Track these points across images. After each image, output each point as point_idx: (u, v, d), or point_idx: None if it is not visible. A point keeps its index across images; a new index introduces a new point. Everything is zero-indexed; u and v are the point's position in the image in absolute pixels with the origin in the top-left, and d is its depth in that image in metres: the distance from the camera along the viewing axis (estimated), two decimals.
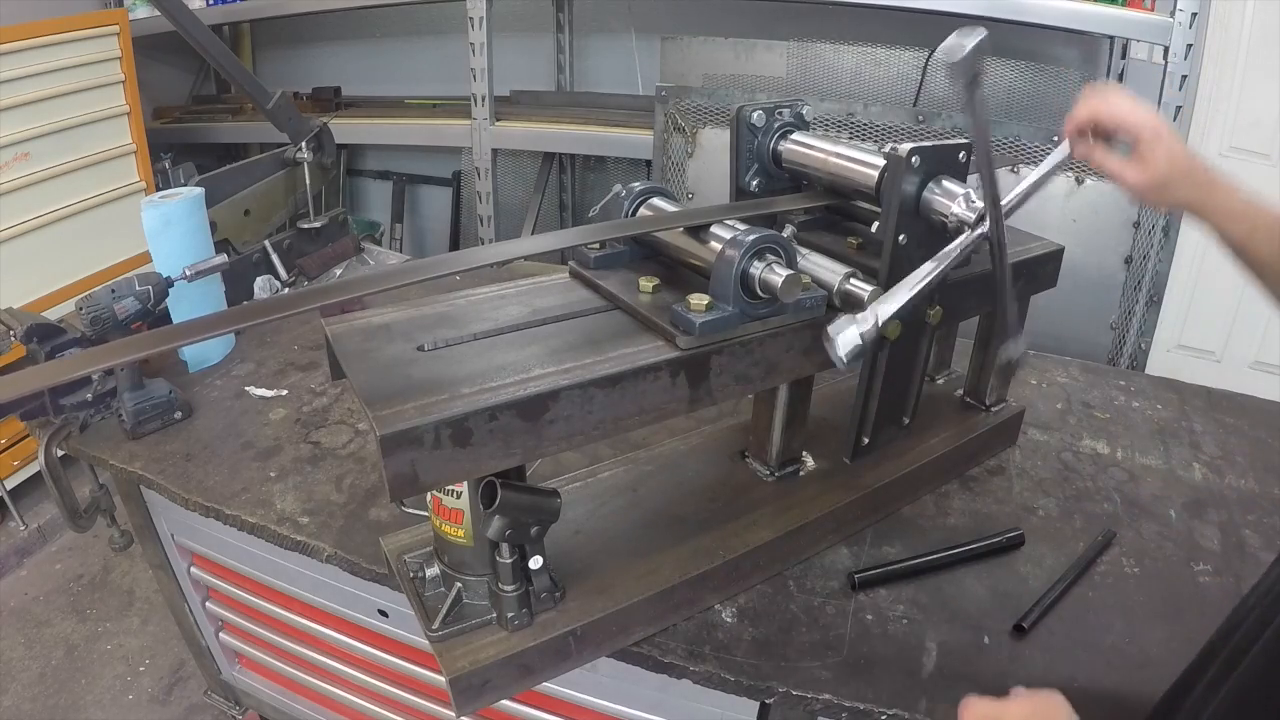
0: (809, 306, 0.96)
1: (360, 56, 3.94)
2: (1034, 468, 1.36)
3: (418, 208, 4.18)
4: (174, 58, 3.82)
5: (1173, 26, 2.16)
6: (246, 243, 1.84)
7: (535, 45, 3.56)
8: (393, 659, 1.39)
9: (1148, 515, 1.25)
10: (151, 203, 1.48)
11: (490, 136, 3.10)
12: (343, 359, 0.87)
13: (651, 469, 1.21)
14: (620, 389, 0.85)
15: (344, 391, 1.52)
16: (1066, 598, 1.08)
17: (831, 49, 2.81)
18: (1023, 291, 1.23)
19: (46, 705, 2.18)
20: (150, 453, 1.34)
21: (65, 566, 2.70)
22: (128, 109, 2.92)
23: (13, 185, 2.57)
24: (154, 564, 1.67)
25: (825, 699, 0.95)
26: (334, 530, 1.18)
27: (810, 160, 1.12)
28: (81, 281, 2.71)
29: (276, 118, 1.93)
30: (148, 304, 1.37)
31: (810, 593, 1.09)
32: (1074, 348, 1.93)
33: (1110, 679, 0.97)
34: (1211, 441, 1.44)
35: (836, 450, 1.21)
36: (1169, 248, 2.12)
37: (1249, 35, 2.38)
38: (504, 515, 0.85)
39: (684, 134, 2.55)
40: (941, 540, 1.16)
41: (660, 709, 1.15)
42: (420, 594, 0.97)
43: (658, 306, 0.94)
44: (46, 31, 2.59)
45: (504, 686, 0.93)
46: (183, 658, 2.28)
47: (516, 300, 1.00)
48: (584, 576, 1.00)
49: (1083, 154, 0.98)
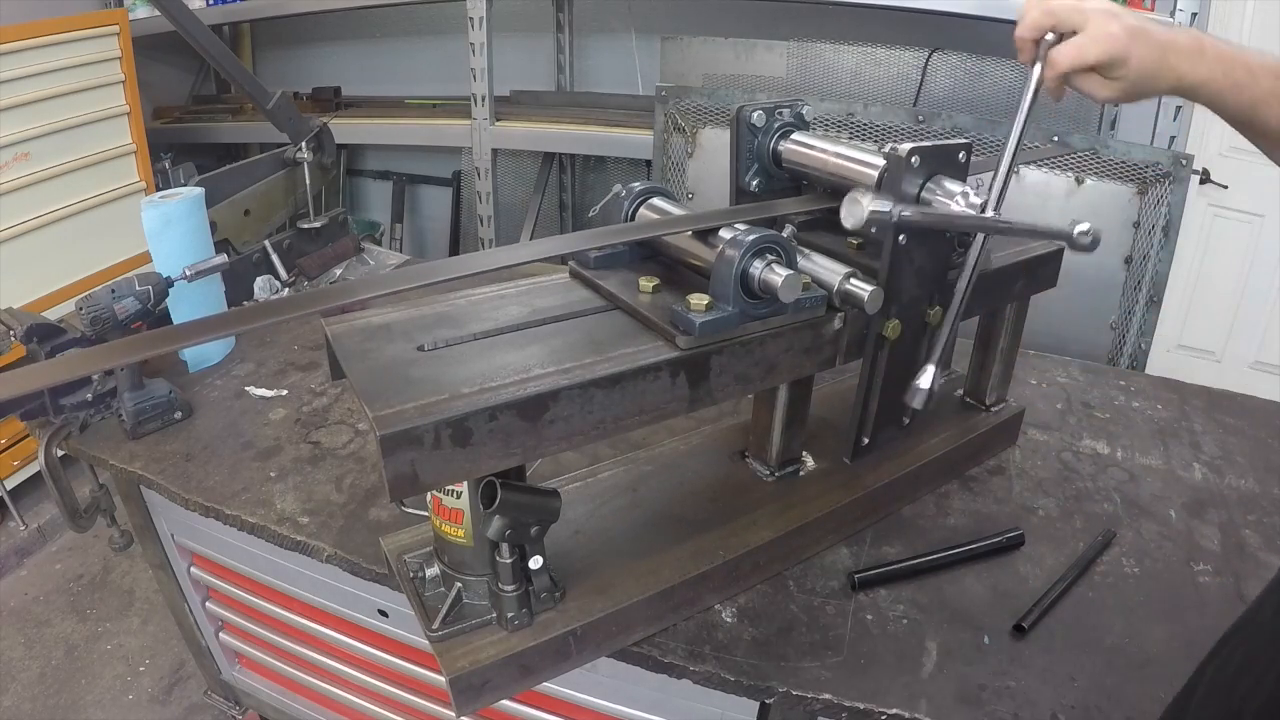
0: (809, 306, 0.96)
1: (360, 56, 3.94)
2: (1034, 468, 1.36)
3: (418, 208, 4.18)
4: (174, 58, 3.83)
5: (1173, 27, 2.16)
6: (246, 243, 1.84)
7: (535, 45, 3.57)
8: (393, 659, 1.39)
9: (1148, 515, 1.25)
10: (151, 203, 1.48)
11: (490, 136, 3.10)
12: (343, 359, 0.87)
13: (651, 469, 1.21)
14: (620, 389, 0.85)
15: (344, 391, 1.52)
16: (1066, 598, 1.08)
17: (831, 49, 2.81)
18: (1023, 291, 1.23)
19: (46, 705, 2.18)
20: (150, 453, 1.34)
21: (65, 566, 2.70)
22: (128, 109, 2.92)
23: (13, 185, 2.57)
24: (154, 564, 1.67)
25: (825, 699, 0.95)
26: (334, 530, 1.18)
27: (810, 160, 1.12)
28: (81, 281, 2.71)
29: (276, 118, 1.93)
30: (148, 304, 1.37)
31: (810, 593, 1.09)
32: (1074, 348, 1.93)
33: (1110, 679, 0.97)
34: (1211, 441, 1.44)
35: (836, 450, 1.21)
36: (1169, 248, 2.12)
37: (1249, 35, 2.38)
38: (504, 515, 0.85)
39: (684, 134, 2.55)
40: (941, 540, 1.16)
41: (660, 709, 1.15)
42: (420, 594, 0.97)
43: (658, 306, 0.94)
44: (46, 31, 2.59)
45: (504, 686, 0.93)
46: (183, 658, 2.28)
47: (516, 300, 1.00)
48: (584, 576, 1.00)
49: (1054, 82, 0.93)
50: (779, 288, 0.86)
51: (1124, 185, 2.12)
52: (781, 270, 0.88)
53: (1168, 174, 2.07)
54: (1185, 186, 2.07)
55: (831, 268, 0.98)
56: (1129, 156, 2.10)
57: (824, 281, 0.97)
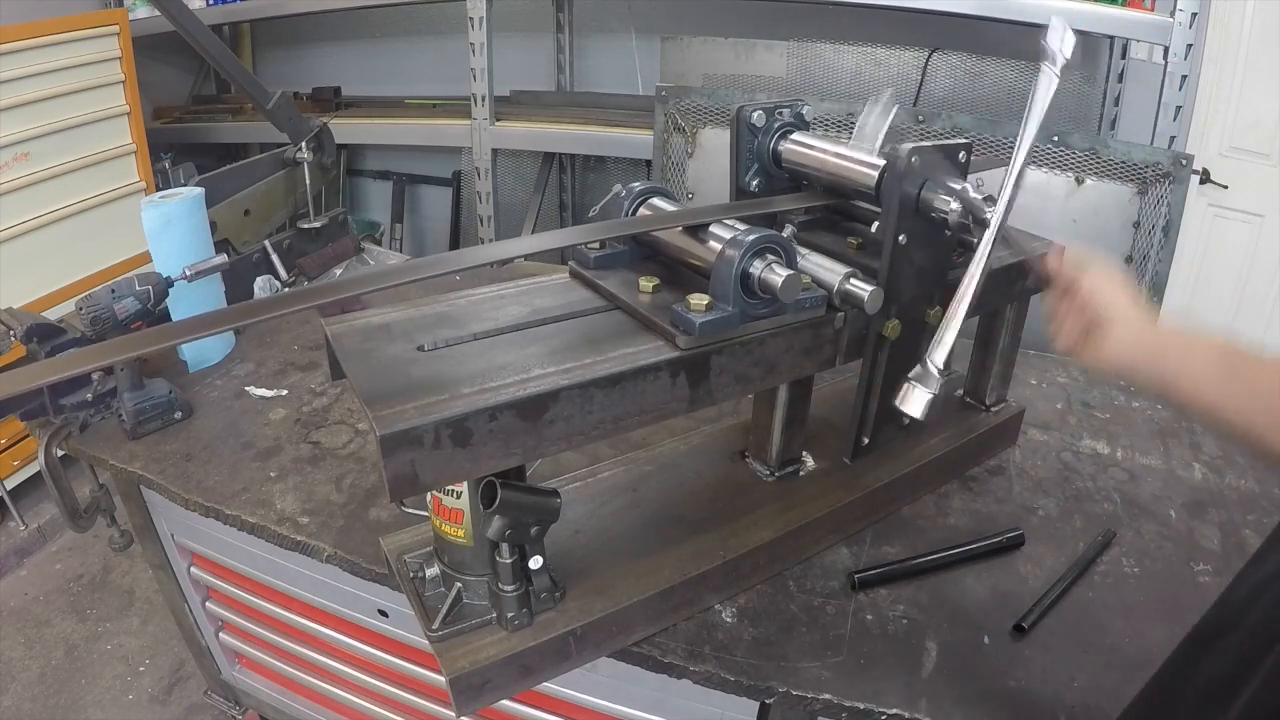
0: (809, 306, 0.96)
1: (360, 56, 3.94)
2: (1034, 468, 1.36)
3: (418, 208, 4.18)
4: (174, 58, 3.83)
5: (1173, 26, 2.16)
6: (246, 243, 1.84)
7: (535, 45, 3.56)
8: (393, 659, 1.39)
9: (1148, 515, 1.25)
10: (151, 203, 1.48)
11: (490, 136, 3.10)
12: (343, 359, 0.87)
13: (651, 469, 1.21)
14: (620, 389, 0.85)
15: (344, 391, 1.52)
16: (1066, 598, 1.08)
17: (831, 49, 2.81)
18: (1023, 291, 1.23)
19: (46, 705, 2.18)
20: (150, 453, 1.34)
21: (65, 566, 2.70)
22: (128, 109, 2.92)
23: (13, 185, 2.57)
24: (154, 564, 1.67)
25: (825, 699, 0.95)
26: (334, 530, 1.18)
27: (810, 160, 1.12)
28: (81, 281, 2.71)
29: (276, 118, 1.93)
30: (148, 304, 1.37)
31: (810, 593, 1.09)
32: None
33: (1110, 679, 0.97)
34: (1211, 441, 1.44)
35: (836, 450, 1.21)
36: (1169, 248, 2.12)
37: (1249, 35, 2.38)
38: (504, 515, 0.85)
39: (684, 134, 2.55)
40: (941, 540, 1.16)
41: (660, 709, 1.15)
42: (420, 594, 0.97)
43: (658, 306, 0.94)
44: (46, 31, 2.59)
45: (504, 686, 0.93)
46: (183, 658, 2.28)
47: (516, 300, 1.00)
48: (584, 576, 1.00)
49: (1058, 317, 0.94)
50: (779, 288, 0.86)
51: (1124, 185, 2.12)
52: (781, 270, 0.88)
53: (1168, 174, 2.06)
54: (1185, 186, 2.07)
55: (831, 268, 0.98)
56: (1129, 156, 2.09)
57: (824, 281, 0.97)
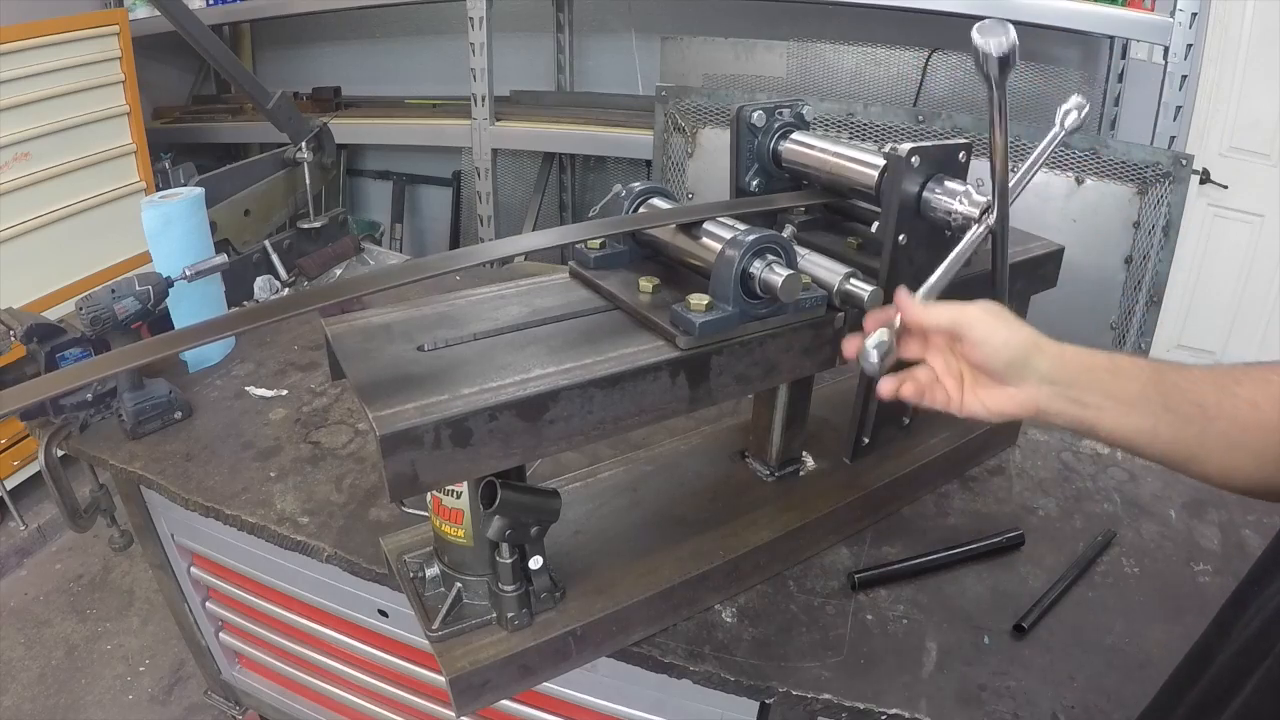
0: (809, 306, 0.96)
1: (360, 56, 3.94)
2: (1034, 468, 1.36)
3: (418, 208, 4.18)
4: (174, 58, 3.83)
5: (1173, 26, 2.16)
6: (246, 243, 1.85)
7: (535, 45, 3.57)
8: (393, 659, 1.39)
9: (1148, 515, 1.25)
10: (151, 203, 1.48)
11: (490, 136, 3.10)
12: (343, 359, 0.86)
13: (651, 469, 1.21)
14: (620, 389, 0.85)
15: (344, 391, 1.52)
16: (1066, 598, 1.08)
17: (831, 49, 2.81)
18: (1023, 291, 1.23)
19: (46, 705, 2.18)
20: (150, 453, 1.34)
21: (65, 566, 2.70)
22: (128, 109, 2.92)
23: (13, 185, 2.57)
24: (154, 564, 1.67)
25: (825, 699, 0.95)
26: (334, 530, 1.18)
27: (810, 160, 1.12)
28: (81, 281, 2.71)
29: (276, 118, 1.93)
30: (148, 304, 1.37)
31: (810, 593, 1.09)
32: None
33: (1110, 679, 0.97)
34: None
35: (836, 450, 1.21)
36: (1169, 248, 2.12)
37: (1249, 35, 2.38)
38: (504, 515, 0.85)
39: (684, 134, 2.55)
40: (941, 540, 1.16)
41: (660, 709, 1.15)
42: (420, 594, 0.97)
43: (658, 306, 0.94)
44: (46, 31, 2.59)
45: (504, 686, 0.93)
46: (183, 658, 2.28)
47: (516, 300, 1.00)
48: (584, 576, 1.00)
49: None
50: (779, 288, 0.86)
51: (1124, 185, 2.12)
52: (781, 270, 0.88)
53: (1168, 174, 2.07)
54: (1185, 186, 2.08)
55: (831, 268, 0.98)
56: (1129, 156, 2.10)
57: (824, 281, 0.97)
